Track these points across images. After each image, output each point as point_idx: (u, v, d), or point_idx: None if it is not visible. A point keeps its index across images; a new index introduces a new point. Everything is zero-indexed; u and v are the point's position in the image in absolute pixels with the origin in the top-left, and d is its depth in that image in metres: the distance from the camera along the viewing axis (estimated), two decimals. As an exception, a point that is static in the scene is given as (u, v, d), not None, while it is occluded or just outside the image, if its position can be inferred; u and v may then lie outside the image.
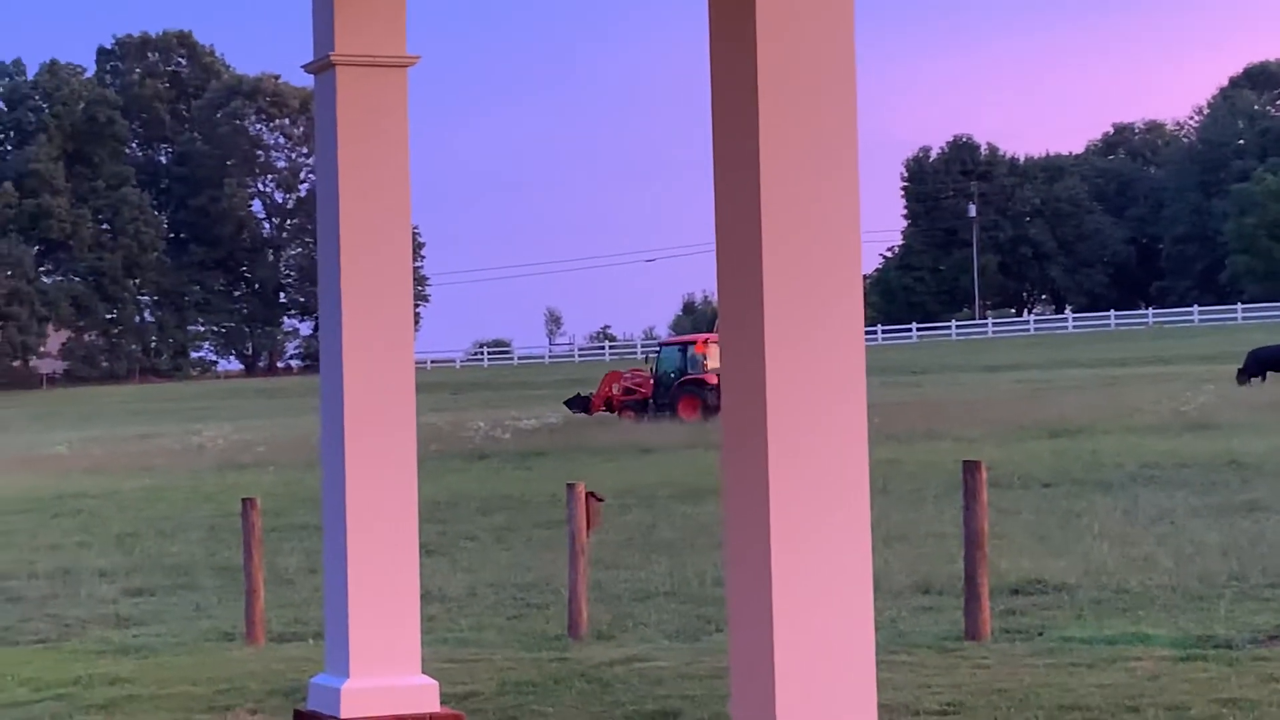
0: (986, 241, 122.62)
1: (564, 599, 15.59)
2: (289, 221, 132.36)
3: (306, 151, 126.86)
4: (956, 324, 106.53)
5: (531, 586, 18.41)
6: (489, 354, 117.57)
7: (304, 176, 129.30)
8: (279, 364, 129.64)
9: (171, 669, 13.99)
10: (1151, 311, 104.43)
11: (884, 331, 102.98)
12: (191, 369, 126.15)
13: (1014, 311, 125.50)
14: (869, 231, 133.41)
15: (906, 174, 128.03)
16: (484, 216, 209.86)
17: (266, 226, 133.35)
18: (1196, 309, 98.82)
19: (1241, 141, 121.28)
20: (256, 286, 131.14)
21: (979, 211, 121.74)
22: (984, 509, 14.00)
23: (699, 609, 16.10)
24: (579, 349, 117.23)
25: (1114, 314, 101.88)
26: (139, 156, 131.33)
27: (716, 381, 48.34)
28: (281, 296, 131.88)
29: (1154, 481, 25.45)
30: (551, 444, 40.58)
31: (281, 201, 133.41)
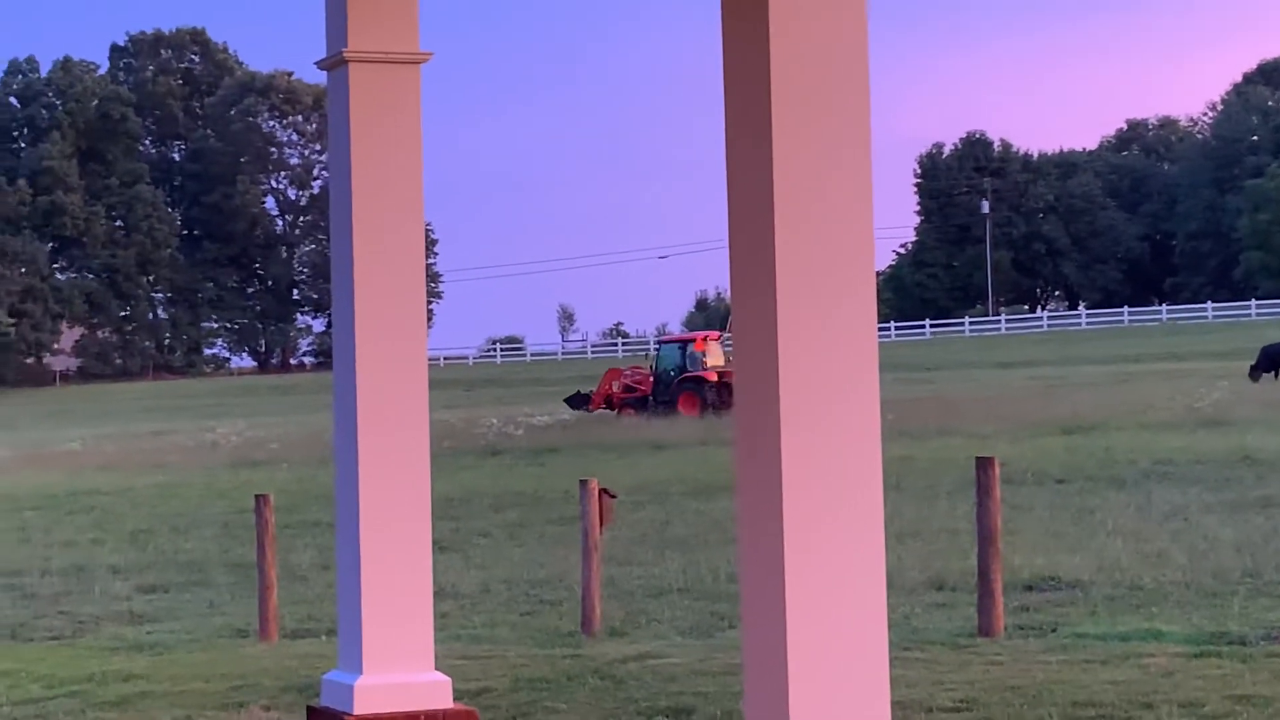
0: (1000, 238, 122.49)
1: (577, 595, 15.58)
2: (302, 218, 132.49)
3: (320, 148, 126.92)
4: (970, 320, 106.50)
5: (544, 583, 18.40)
6: (502, 351, 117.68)
7: (317, 173, 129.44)
8: (292, 361, 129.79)
9: (185, 665, 14.01)
10: (1165, 308, 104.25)
11: (897, 328, 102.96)
12: (205, 366, 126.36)
13: (1027, 308, 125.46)
14: (882, 228, 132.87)
15: (919, 170, 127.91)
16: (496, 214, 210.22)
17: (280, 223, 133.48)
18: (1210, 305, 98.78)
19: (1255, 137, 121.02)
20: (270, 283, 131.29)
21: (992, 208, 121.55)
22: (997, 505, 13.99)
23: (712, 605, 16.08)
24: (592, 346, 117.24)
25: (1127, 310, 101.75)
26: (152, 153, 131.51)
27: (715, 379, 48.40)
28: (295, 293, 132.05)
29: (1168, 478, 25.43)
30: (564, 440, 40.61)
31: (295, 198, 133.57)
